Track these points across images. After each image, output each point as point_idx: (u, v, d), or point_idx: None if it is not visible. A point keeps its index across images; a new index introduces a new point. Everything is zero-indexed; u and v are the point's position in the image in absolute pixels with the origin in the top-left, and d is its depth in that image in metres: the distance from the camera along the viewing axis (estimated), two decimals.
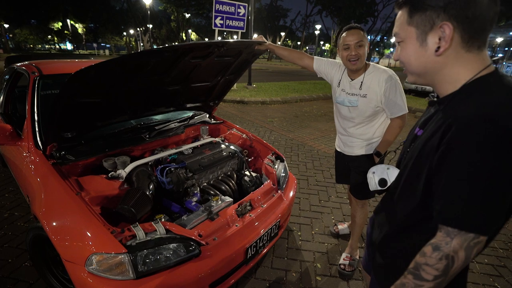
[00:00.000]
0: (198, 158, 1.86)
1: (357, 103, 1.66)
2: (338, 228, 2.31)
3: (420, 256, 0.63)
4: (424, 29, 0.64)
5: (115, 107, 1.72)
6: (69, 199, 1.32)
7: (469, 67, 0.64)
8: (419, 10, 0.64)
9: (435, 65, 0.66)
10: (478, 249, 0.59)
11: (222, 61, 1.92)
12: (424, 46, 0.66)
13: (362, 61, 1.57)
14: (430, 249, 0.62)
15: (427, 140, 0.66)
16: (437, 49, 0.63)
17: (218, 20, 7.66)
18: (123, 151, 1.85)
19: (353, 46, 1.54)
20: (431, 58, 0.66)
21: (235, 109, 7.02)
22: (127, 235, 1.22)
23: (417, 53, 0.68)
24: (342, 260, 1.93)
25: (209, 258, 1.31)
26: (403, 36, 0.69)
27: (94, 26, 36.22)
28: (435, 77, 0.68)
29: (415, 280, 0.63)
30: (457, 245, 0.58)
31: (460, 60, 0.64)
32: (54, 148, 1.60)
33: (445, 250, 0.59)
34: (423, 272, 0.62)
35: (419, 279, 0.63)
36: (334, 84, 1.77)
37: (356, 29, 1.55)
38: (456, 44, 0.62)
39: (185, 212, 1.61)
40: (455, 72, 0.65)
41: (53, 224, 1.29)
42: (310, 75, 19.32)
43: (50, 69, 2.17)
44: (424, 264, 0.62)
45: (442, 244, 0.60)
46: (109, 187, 1.53)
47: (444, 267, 0.60)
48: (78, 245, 1.19)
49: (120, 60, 1.25)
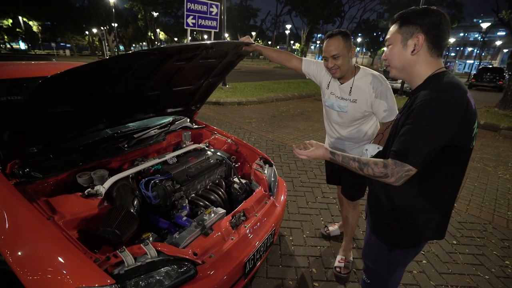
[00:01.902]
0: (184, 168, 1.73)
1: (347, 109, 1.64)
2: (329, 230, 2.30)
3: (372, 162, 0.97)
4: (406, 36, 0.96)
5: (91, 116, 1.54)
6: (39, 226, 1.13)
7: (430, 66, 0.97)
8: (406, 24, 0.96)
9: (410, 62, 0.98)
10: (404, 179, 0.92)
11: (206, 63, 1.80)
12: (405, 48, 0.97)
13: (343, 70, 1.55)
14: (381, 163, 0.94)
15: (401, 116, 0.99)
16: (412, 51, 0.96)
17: (190, 20, 7.41)
18: (99, 164, 1.66)
19: (330, 58, 1.52)
20: (408, 56, 0.98)
21: (211, 110, 6.85)
22: (113, 263, 1.07)
23: (400, 53, 0.99)
24: (337, 262, 1.92)
25: (207, 278, 1.20)
26: (392, 41, 1.00)
27: (52, 24, 33.31)
28: (410, 72, 1.00)
29: (357, 166, 1.01)
30: (395, 172, 0.91)
31: (426, 61, 0.97)
32: (16, 165, 1.38)
33: (388, 170, 0.92)
34: (365, 168, 0.98)
35: (359, 169, 1.00)
36: (323, 86, 1.74)
37: (336, 36, 1.49)
38: (424, 49, 0.95)
39: (174, 227, 1.48)
40: (422, 69, 0.97)
41: (19, 255, 1.09)
42: (283, 74, 19.55)
43: (6, 73, 1.90)
44: (370, 167, 0.97)
45: (389, 166, 0.92)
46: (86, 206, 1.35)
47: (378, 176, 0.95)
48: (54, 280, 1.02)
49: (102, 64, 1.10)
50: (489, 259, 2.18)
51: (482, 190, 3.39)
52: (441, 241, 2.35)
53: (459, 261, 2.13)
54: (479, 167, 4.13)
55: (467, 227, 2.59)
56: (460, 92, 0.88)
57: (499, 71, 16.65)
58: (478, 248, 2.29)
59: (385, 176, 0.93)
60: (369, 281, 1.23)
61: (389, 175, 0.92)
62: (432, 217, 1.04)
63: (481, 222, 2.69)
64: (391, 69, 1.04)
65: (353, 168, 1.02)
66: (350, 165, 1.03)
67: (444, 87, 0.89)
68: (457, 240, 2.38)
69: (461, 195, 3.20)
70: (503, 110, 8.36)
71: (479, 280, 1.95)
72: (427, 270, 2.01)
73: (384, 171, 0.93)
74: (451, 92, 0.87)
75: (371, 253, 1.21)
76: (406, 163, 0.88)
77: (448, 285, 1.89)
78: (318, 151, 1.16)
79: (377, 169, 0.94)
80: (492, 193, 3.33)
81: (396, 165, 0.91)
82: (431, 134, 0.85)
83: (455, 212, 2.83)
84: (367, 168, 0.97)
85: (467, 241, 2.38)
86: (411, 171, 0.89)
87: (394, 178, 0.91)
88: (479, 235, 2.47)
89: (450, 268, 2.05)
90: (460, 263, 2.11)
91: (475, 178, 3.74)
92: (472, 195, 3.24)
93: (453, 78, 0.93)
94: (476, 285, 1.90)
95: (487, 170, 4.04)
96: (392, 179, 0.92)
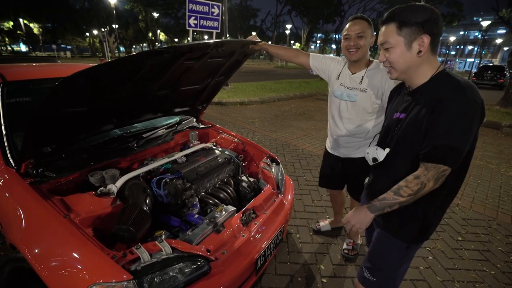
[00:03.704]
0: (194, 167, 1.75)
1: (356, 98, 1.64)
2: (320, 225, 2.33)
3: (403, 182, 0.95)
4: (410, 39, 0.94)
5: (101, 116, 1.56)
6: (56, 223, 1.16)
7: (433, 65, 0.98)
8: (407, 26, 0.93)
9: (416, 64, 0.97)
10: (442, 180, 0.91)
11: (214, 63, 1.83)
12: (410, 50, 0.95)
13: (363, 52, 1.55)
14: (412, 177, 0.94)
15: (416, 116, 0.97)
16: (419, 52, 0.95)
17: (192, 20, 7.43)
18: (110, 164, 1.68)
19: (354, 36, 1.53)
20: (414, 58, 0.97)
21: (214, 111, 6.87)
22: (130, 259, 1.09)
23: (404, 55, 0.97)
24: (346, 245, 2.04)
25: (220, 274, 1.22)
26: (393, 43, 0.97)
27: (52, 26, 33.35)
28: (414, 72, 0.99)
29: (394, 195, 0.96)
30: (430, 176, 0.90)
31: (429, 60, 0.97)
32: (31, 165, 1.41)
33: (422, 178, 0.91)
34: (401, 191, 0.95)
35: (398, 195, 0.96)
36: (333, 77, 1.74)
37: (361, 19, 1.53)
38: (428, 50, 0.95)
39: (186, 225, 1.50)
40: (426, 68, 0.98)
41: (38, 252, 1.12)
42: (284, 74, 19.58)
43: (16, 75, 1.92)
44: (405, 186, 0.94)
45: (421, 175, 0.92)
46: (100, 205, 1.37)
47: (417, 190, 0.93)
48: (73, 276, 1.04)
49: (117, 63, 1.12)
50: (495, 254, 2.19)
51: (486, 187, 3.40)
52: (447, 237, 2.37)
53: (464, 256, 2.15)
54: (482, 165, 4.15)
55: (471, 223, 2.61)
56: (478, 93, 0.89)
57: (499, 69, 16.61)
58: (483, 244, 2.31)
59: (424, 186, 0.91)
60: (376, 279, 1.19)
61: (426, 183, 0.91)
62: (441, 212, 1.07)
63: (486, 219, 2.70)
64: (393, 71, 1.03)
65: (396, 203, 0.96)
66: (391, 201, 0.97)
67: (466, 87, 0.88)
68: (462, 237, 2.40)
69: (465, 192, 3.22)
70: (505, 108, 8.36)
71: (485, 276, 1.97)
72: (433, 266, 2.03)
73: (418, 182, 0.91)
74: (475, 93, 0.88)
75: (383, 253, 1.18)
76: (442, 165, 0.89)
77: (455, 280, 1.91)
78: (359, 212, 1.06)
79: (412, 185, 0.92)
80: (496, 190, 3.34)
81: (428, 169, 0.90)
82: (467, 134, 0.86)
83: (459, 209, 2.85)
84: (403, 191, 0.94)
85: (472, 237, 2.40)
86: (447, 170, 0.90)
87: (432, 183, 0.91)
88: (483, 232, 2.49)
89: (456, 263, 2.07)
90: (466, 258, 2.13)
91: (478, 175, 3.75)
92: (476, 192, 3.26)
93: (462, 77, 0.95)
94: (482, 280, 1.92)
95: (490, 168, 4.05)
96: (431, 184, 0.91)
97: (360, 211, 1.05)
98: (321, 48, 47.79)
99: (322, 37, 46.43)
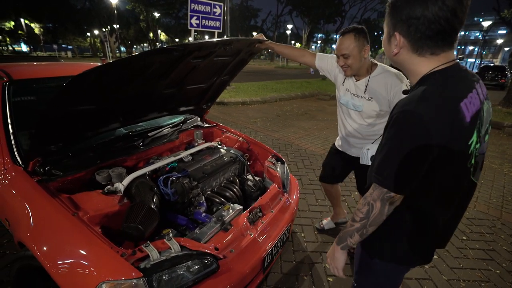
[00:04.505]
0: (200, 165, 1.75)
1: (362, 108, 1.63)
2: (323, 223, 2.33)
3: (357, 205, 0.88)
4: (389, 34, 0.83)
5: (108, 114, 1.56)
6: (64, 221, 1.16)
7: (427, 65, 0.79)
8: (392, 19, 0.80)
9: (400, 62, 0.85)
10: (391, 203, 0.79)
11: (220, 61, 1.83)
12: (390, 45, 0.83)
13: (355, 67, 1.53)
14: (361, 200, 0.86)
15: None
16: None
17: (194, 20, 7.43)
18: (116, 162, 1.68)
19: (340, 57, 1.53)
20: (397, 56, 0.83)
21: (216, 111, 6.87)
22: (139, 257, 1.09)
23: (389, 51, 0.86)
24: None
25: (229, 272, 1.23)
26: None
27: (53, 26, 33.38)
28: (405, 70, 0.87)
29: (352, 222, 0.89)
30: (375, 196, 0.80)
31: (413, 61, 0.80)
32: (38, 163, 1.41)
33: (368, 199, 0.82)
34: (355, 215, 0.87)
35: (353, 220, 0.88)
36: (339, 82, 1.74)
37: (349, 34, 1.47)
38: (407, 50, 0.79)
39: (193, 224, 1.50)
40: (413, 69, 0.82)
41: (47, 250, 1.12)
42: (285, 74, 19.57)
43: (21, 74, 1.92)
44: (357, 210, 0.87)
45: (368, 195, 0.83)
46: (107, 203, 1.37)
47: (366, 211, 0.83)
48: (82, 273, 1.04)
49: (126, 61, 1.12)
50: (499, 254, 2.19)
51: (489, 187, 3.40)
52: (451, 237, 2.36)
53: (469, 256, 2.15)
54: (484, 165, 4.12)
55: (476, 223, 2.61)
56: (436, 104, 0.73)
57: (500, 69, 16.59)
58: (488, 244, 2.31)
59: (372, 208, 0.81)
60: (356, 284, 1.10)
61: (373, 203, 0.80)
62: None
63: (490, 219, 2.70)
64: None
65: (353, 231, 0.88)
66: (350, 229, 0.89)
67: (423, 95, 0.74)
68: (467, 236, 2.40)
69: None
70: (507, 108, 8.35)
71: (490, 275, 1.96)
72: (439, 265, 2.03)
73: (365, 202, 0.83)
74: (428, 105, 0.72)
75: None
76: (381, 187, 0.78)
77: (460, 279, 1.91)
78: (336, 257, 0.98)
79: (361, 206, 0.84)
80: (499, 190, 3.34)
81: (373, 189, 0.81)
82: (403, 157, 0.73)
83: None
84: (356, 215, 0.86)
85: (476, 236, 2.40)
86: (390, 193, 0.77)
87: (379, 203, 0.79)
88: (488, 231, 2.48)
89: (461, 263, 2.07)
90: (471, 258, 2.13)
91: (481, 175, 3.74)
92: (479, 192, 3.25)
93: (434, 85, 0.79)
94: (488, 279, 1.92)
95: (493, 168, 4.05)
96: (378, 205, 0.79)
97: (332, 247, 0.98)
98: (321, 48, 47.79)
99: (323, 37, 46.45)
